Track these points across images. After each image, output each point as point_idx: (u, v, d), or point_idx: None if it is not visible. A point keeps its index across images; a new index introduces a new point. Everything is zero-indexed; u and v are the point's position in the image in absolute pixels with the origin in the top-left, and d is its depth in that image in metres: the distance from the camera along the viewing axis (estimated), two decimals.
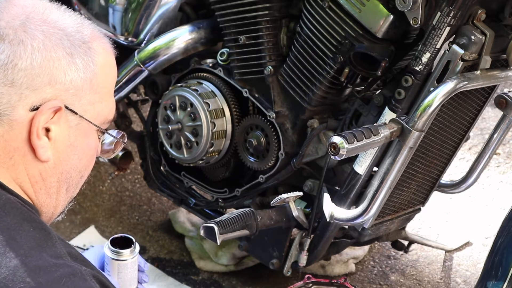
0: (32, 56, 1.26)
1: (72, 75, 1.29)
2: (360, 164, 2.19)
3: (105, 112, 1.37)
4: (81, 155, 1.36)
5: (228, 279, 2.77)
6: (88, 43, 1.32)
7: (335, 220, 2.17)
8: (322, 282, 2.34)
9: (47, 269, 1.18)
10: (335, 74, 2.24)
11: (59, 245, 1.23)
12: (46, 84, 1.27)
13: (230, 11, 2.40)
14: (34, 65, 1.26)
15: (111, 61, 1.38)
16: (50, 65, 1.27)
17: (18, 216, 1.24)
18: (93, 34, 1.34)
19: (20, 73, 1.26)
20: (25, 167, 1.30)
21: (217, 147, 2.48)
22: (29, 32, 1.27)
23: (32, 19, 1.28)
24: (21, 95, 1.26)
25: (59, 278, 1.17)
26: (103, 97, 1.35)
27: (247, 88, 2.43)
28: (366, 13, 2.13)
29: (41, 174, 1.32)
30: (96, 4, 2.67)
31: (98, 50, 1.33)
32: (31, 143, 1.28)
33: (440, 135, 2.23)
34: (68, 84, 1.29)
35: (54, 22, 1.30)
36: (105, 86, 1.35)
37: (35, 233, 1.23)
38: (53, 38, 1.28)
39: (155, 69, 2.57)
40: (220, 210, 2.66)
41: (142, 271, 1.71)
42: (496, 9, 2.07)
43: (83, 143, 1.35)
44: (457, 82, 2.00)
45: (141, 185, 3.23)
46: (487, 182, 3.30)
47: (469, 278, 2.80)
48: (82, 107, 1.32)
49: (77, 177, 1.38)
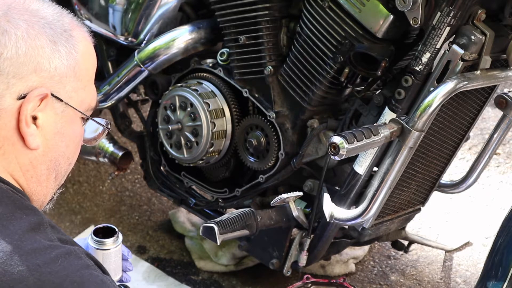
0: (17, 45, 1.28)
1: (56, 63, 1.32)
2: (360, 164, 2.19)
3: (88, 99, 1.39)
4: (68, 142, 1.38)
5: (228, 279, 2.77)
6: (69, 31, 1.35)
7: (335, 220, 2.17)
8: (321, 282, 2.35)
9: (42, 251, 1.20)
10: (335, 74, 2.24)
11: (49, 231, 1.25)
12: (32, 72, 1.30)
13: (230, 11, 2.40)
14: (19, 54, 1.28)
15: (91, 49, 1.40)
16: (35, 53, 1.30)
17: (10, 204, 1.26)
18: (72, 22, 1.37)
19: (6, 62, 1.28)
20: (15, 155, 1.32)
21: (217, 147, 2.48)
22: (12, 22, 1.29)
23: (14, 9, 1.31)
24: (8, 84, 1.28)
25: (55, 259, 1.20)
26: (85, 84, 1.38)
27: (247, 88, 2.43)
28: (366, 13, 2.13)
29: (31, 162, 1.34)
30: (96, 4, 2.67)
31: (79, 38, 1.36)
32: (20, 132, 1.30)
33: (440, 135, 2.23)
34: (53, 72, 1.32)
35: (36, 11, 1.33)
36: (87, 74, 1.38)
37: (29, 218, 1.25)
38: (36, 27, 1.31)
39: (155, 69, 2.58)
40: (220, 210, 2.66)
41: (126, 260, 1.73)
42: (496, 9, 2.07)
43: (69, 130, 1.37)
44: (457, 82, 2.00)
45: (141, 185, 3.23)
46: (487, 182, 3.30)
47: (469, 278, 2.80)
48: (67, 94, 1.35)
49: (66, 165, 1.41)
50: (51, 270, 1.18)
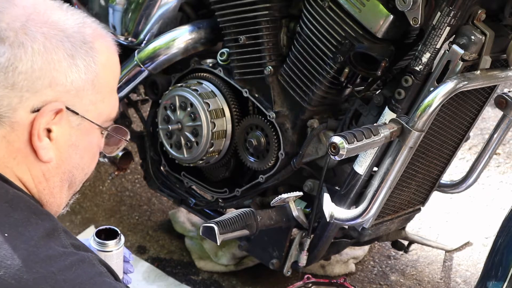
0: (33, 58, 1.26)
1: (73, 77, 1.29)
2: (360, 164, 2.19)
3: (107, 110, 1.37)
4: (83, 154, 1.36)
5: (228, 279, 2.77)
6: (90, 43, 1.31)
7: (335, 220, 2.17)
8: (322, 282, 2.34)
9: (56, 258, 1.20)
10: (335, 74, 2.24)
11: (63, 237, 1.25)
12: (47, 86, 1.27)
13: (230, 11, 2.40)
14: (34, 68, 1.26)
15: (113, 60, 1.37)
16: (51, 68, 1.27)
17: (26, 210, 1.25)
18: (95, 33, 1.34)
19: (21, 76, 1.25)
20: (28, 167, 1.31)
21: (217, 147, 2.48)
22: (29, 34, 1.26)
23: (33, 21, 1.28)
24: (21, 98, 1.26)
25: (69, 266, 1.20)
26: (105, 96, 1.35)
27: (247, 88, 2.43)
28: (366, 13, 2.13)
29: (44, 174, 1.33)
30: (96, 4, 2.67)
31: (100, 49, 1.33)
32: (32, 145, 1.29)
33: (440, 135, 2.23)
34: (69, 86, 1.29)
35: (55, 23, 1.29)
36: (107, 85, 1.35)
37: (44, 224, 1.24)
38: (53, 40, 1.28)
39: (155, 69, 2.57)
40: (220, 210, 2.66)
41: (127, 262, 1.73)
42: (496, 9, 2.07)
43: (84, 142, 1.35)
44: (457, 82, 2.00)
45: (141, 185, 3.23)
46: (487, 182, 3.30)
47: (469, 278, 2.80)
48: (84, 107, 1.32)
49: (81, 175, 1.39)
50: (65, 278, 1.18)
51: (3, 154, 1.28)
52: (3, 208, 1.23)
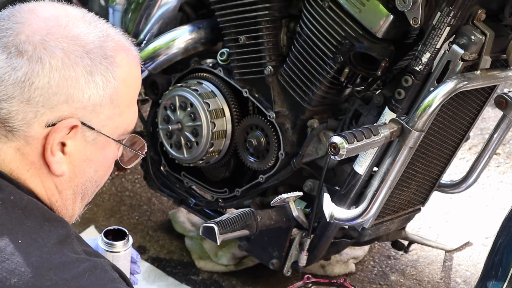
0: (50, 75, 1.24)
1: (91, 93, 1.27)
2: (360, 164, 2.19)
3: (124, 124, 1.35)
4: (98, 167, 1.35)
5: (228, 279, 2.77)
6: (110, 57, 1.29)
7: (335, 220, 2.17)
8: (322, 282, 2.34)
9: (70, 264, 1.20)
10: (335, 74, 2.24)
11: (75, 243, 1.25)
12: (63, 102, 1.25)
13: (230, 11, 2.40)
14: (51, 84, 1.24)
15: (134, 73, 1.35)
16: (68, 84, 1.25)
17: (40, 216, 1.25)
18: (117, 46, 1.31)
19: (37, 91, 1.24)
20: (41, 179, 1.30)
21: (217, 147, 2.48)
22: (48, 49, 1.24)
23: (53, 35, 1.26)
24: (36, 113, 1.25)
25: (82, 273, 1.20)
26: (123, 110, 1.33)
27: (247, 88, 2.43)
28: (366, 13, 2.13)
29: (56, 187, 1.32)
30: (96, 4, 2.67)
31: (121, 64, 1.30)
32: (45, 159, 1.28)
33: (440, 135, 2.23)
34: (85, 102, 1.27)
35: (76, 37, 1.27)
36: (126, 99, 1.33)
37: (57, 230, 1.24)
38: (72, 56, 1.25)
39: (155, 69, 2.58)
40: (220, 210, 2.66)
41: (134, 263, 1.73)
42: (496, 9, 2.07)
43: (99, 156, 1.34)
44: (457, 82, 2.00)
45: (141, 185, 3.23)
46: (487, 182, 3.30)
47: (469, 278, 2.80)
48: (100, 122, 1.30)
49: (93, 187, 1.39)
50: (79, 285, 1.18)
51: (17, 165, 1.28)
52: (17, 215, 1.23)
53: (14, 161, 1.28)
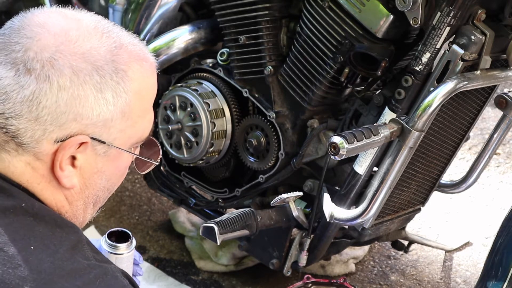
0: (58, 94, 1.22)
1: (100, 110, 1.25)
2: (360, 164, 2.19)
3: (138, 134, 1.33)
4: (109, 177, 1.35)
5: (228, 279, 2.77)
6: (122, 71, 1.27)
7: (335, 220, 2.17)
8: (322, 282, 2.34)
9: (81, 271, 1.20)
10: (335, 74, 2.24)
11: (86, 249, 1.25)
12: (72, 121, 1.24)
13: (230, 11, 2.40)
14: (59, 103, 1.22)
15: (148, 84, 1.33)
16: (76, 103, 1.23)
17: (51, 222, 1.25)
18: (131, 57, 1.29)
19: (45, 110, 1.22)
20: (51, 192, 1.30)
21: (217, 147, 2.48)
22: (56, 68, 1.22)
23: (62, 52, 1.23)
24: (45, 131, 1.24)
25: (93, 279, 1.20)
26: (136, 121, 1.31)
27: (247, 88, 2.43)
28: (366, 13, 2.13)
29: (67, 198, 1.32)
30: (96, 4, 2.67)
31: (134, 76, 1.28)
32: (54, 174, 1.27)
33: (440, 135, 2.23)
34: (95, 119, 1.25)
35: (86, 54, 1.24)
36: (139, 110, 1.31)
37: (69, 237, 1.24)
38: (81, 75, 1.23)
39: None
40: (220, 210, 2.66)
41: (137, 265, 1.73)
42: (496, 9, 2.07)
43: (111, 167, 1.33)
44: (457, 82, 2.00)
45: (141, 185, 3.23)
46: (487, 182, 3.30)
47: (469, 278, 2.80)
48: (111, 136, 1.29)
49: (105, 194, 1.38)
50: None
51: (27, 179, 1.28)
52: (28, 222, 1.23)
53: (24, 175, 1.27)
